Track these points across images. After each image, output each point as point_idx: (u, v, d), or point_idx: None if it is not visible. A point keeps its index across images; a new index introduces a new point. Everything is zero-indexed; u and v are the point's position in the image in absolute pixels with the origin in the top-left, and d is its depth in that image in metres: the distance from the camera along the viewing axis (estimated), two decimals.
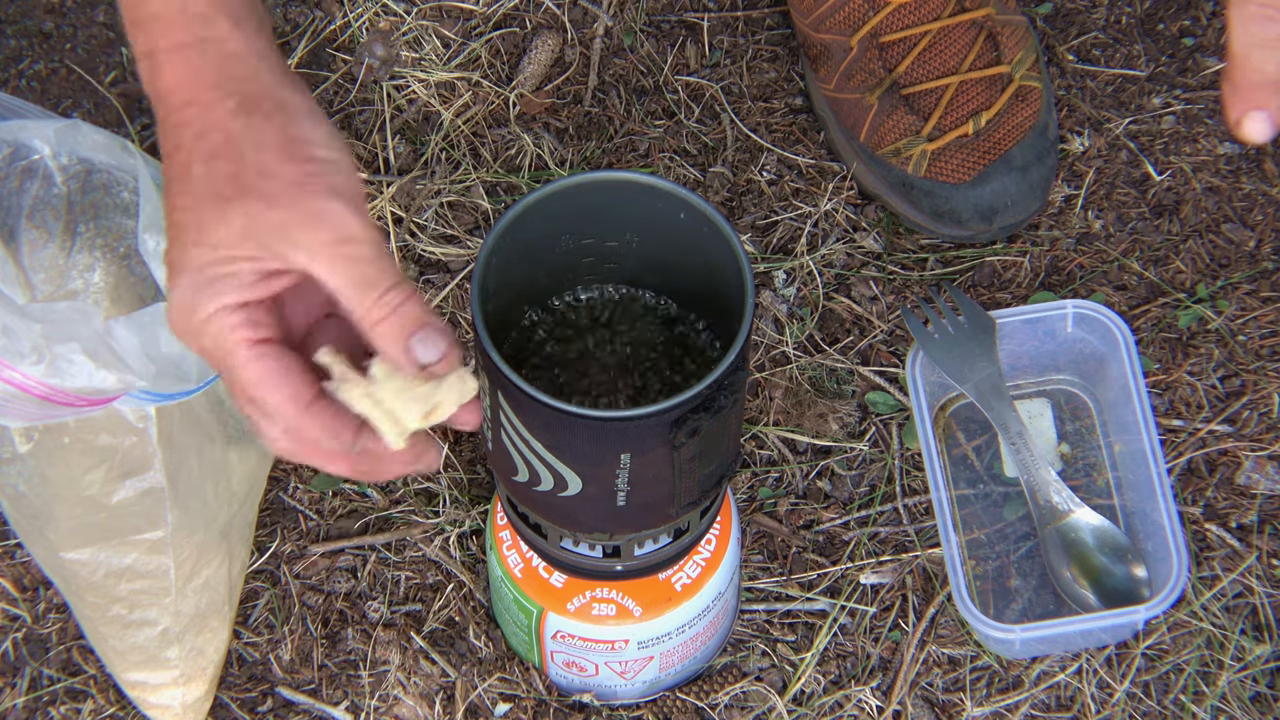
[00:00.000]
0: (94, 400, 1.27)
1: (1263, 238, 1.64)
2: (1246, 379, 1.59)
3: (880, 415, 1.58)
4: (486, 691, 1.49)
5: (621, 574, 1.35)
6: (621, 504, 1.23)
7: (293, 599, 1.54)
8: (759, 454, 1.57)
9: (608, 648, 1.43)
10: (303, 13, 1.72)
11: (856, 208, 1.66)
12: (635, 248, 1.27)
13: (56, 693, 1.52)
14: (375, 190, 1.65)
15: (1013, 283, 1.63)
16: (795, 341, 1.61)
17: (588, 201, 1.23)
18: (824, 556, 1.55)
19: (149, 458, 1.35)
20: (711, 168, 1.67)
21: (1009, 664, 1.51)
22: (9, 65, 1.72)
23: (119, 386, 1.25)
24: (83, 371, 1.23)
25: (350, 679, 1.51)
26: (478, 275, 1.19)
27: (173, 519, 1.38)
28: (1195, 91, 1.69)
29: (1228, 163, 1.67)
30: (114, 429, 1.33)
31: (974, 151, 1.61)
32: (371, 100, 1.69)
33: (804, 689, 1.51)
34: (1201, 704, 1.49)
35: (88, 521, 1.38)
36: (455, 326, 1.62)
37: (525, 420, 1.19)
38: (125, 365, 1.23)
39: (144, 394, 1.28)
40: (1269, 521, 1.55)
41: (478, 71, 1.70)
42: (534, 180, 1.66)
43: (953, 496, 1.55)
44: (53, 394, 1.24)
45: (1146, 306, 1.62)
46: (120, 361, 1.23)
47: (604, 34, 1.72)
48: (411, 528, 1.55)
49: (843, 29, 1.63)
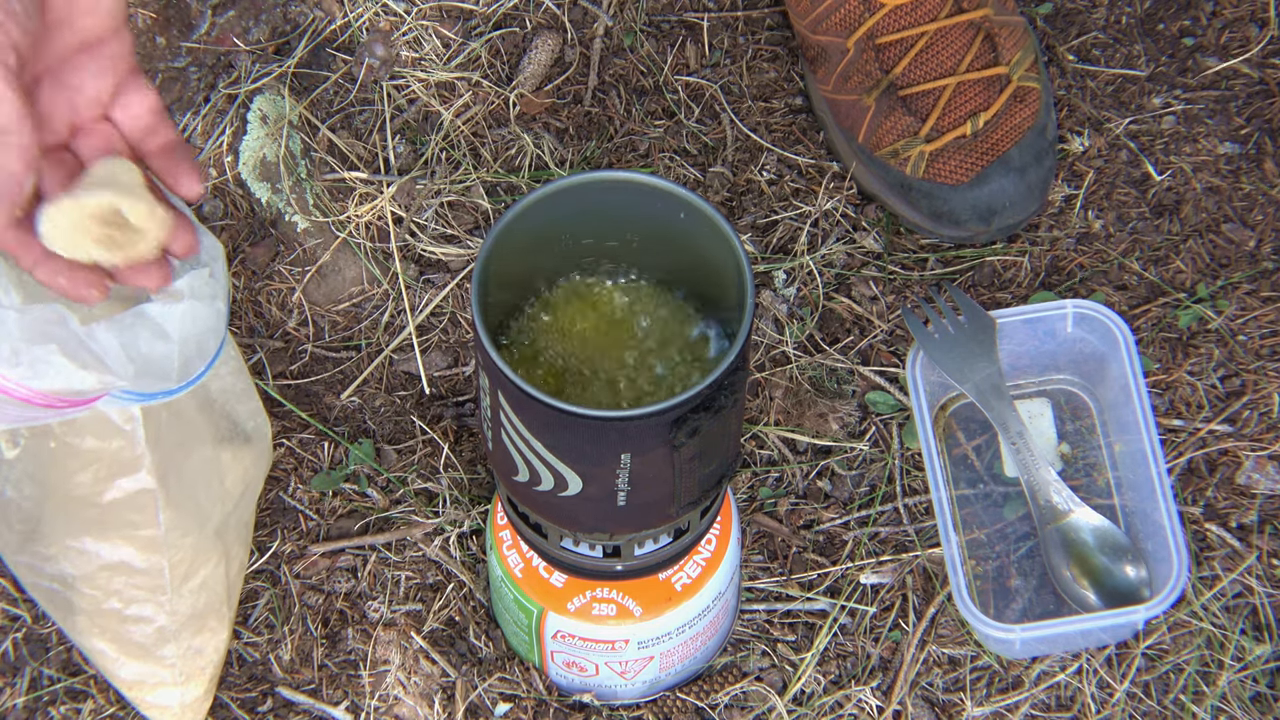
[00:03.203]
0: (74, 401, 1.26)
1: (1263, 238, 1.64)
2: (1246, 379, 1.59)
3: (880, 415, 1.58)
4: (486, 691, 1.49)
5: (622, 574, 1.35)
6: (622, 504, 1.23)
7: (293, 599, 1.54)
8: (759, 454, 1.57)
9: (608, 648, 1.43)
10: (303, 13, 1.72)
11: (856, 207, 1.66)
12: (635, 248, 1.27)
13: (56, 693, 1.52)
14: (375, 190, 1.65)
15: (1013, 283, 1.63)
16: (795, 341, 1.61)
17: (588, 201, 1.23)
18: (824, 556, 1.55)
19: (138, 459, 1.35)
20: (711, 168, 1.67)
21: (1009, 664, 1.51)
22: None
23: (99, 387, 1.25)
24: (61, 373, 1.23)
25: (350, 679, 1.51)
26: (478, 275, 1.19)
27: (166, 519, 1.38)
28: (1195, 91, 1.69)
29: (1228, 163, 1.67)
30: (100, 431, 1.33)
31: (972, 152, 1.61)
32: (371, 100, 1.69)
33: (804, 689, 1.51)
34: (1201, 704, 1.49)
35: (80, 518, 1.38)
36: (455, 326, 1.62)
37: (525, 420, 1.19)
38: (105, 366, 1.23)
39: (125, 394, 1.28)
40: (1269, 521, 1.55)
41: (478, 71, 1.70)
42: (534, 180, 1.66)
43: (953, 496, 1.55)
44: (32, 396, 1.24)
45: (1146, 306, 1.62)
46: (99, 362, 1.22)
47: (604, 34, 1.72)
48: (411, 528, 1.55)
49: (839, 30, 1.63)
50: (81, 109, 1.17)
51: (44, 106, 1.16)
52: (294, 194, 1.65)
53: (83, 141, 1.18)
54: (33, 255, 1.14)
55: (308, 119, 1.68)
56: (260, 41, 1.71)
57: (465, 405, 1.60)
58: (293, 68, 1.70)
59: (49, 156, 1.16)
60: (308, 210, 1.64)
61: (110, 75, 1.17)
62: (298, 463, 1.58)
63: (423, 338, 1.62)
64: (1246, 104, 1.69)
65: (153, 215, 1.15)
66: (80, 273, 1.15)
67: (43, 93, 1.16)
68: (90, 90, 1.17)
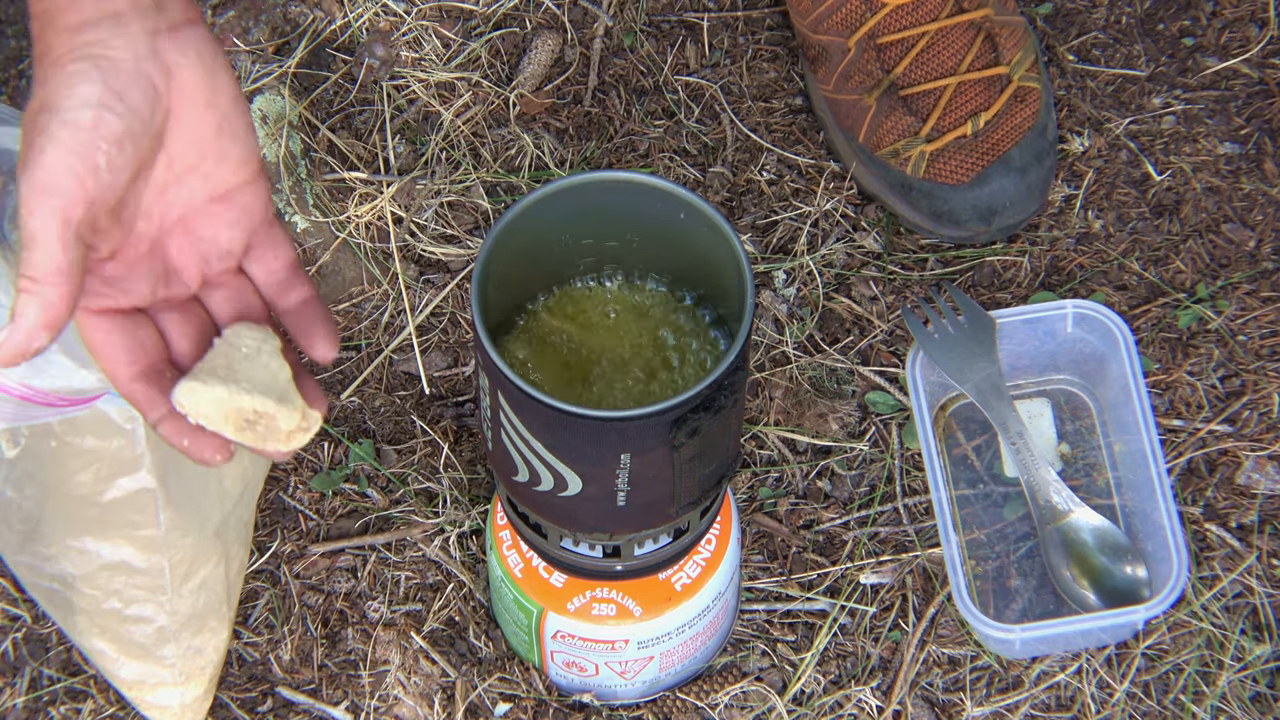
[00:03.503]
0: (74, 400, 1.26)
1: (1263, 238, 1.64)
2: (1246, 379, 1.59)
3: (880, 415, 1.58)
4: (486, 691, 1.49)
5: (621, 574, 1.35)
6: (621, 504, 1.23)
7: (293, 599, 1.54)
8: (759, 454, 1.57)
9: (608, 648, 1.43)
10: (303, 13, 1.72)
11: (856, 207, 1.66)
12: (635, 248, 1.27)
13: (56, 693, 1.52)
14: (375, 190, 1.65)
15: (1013, 283, 1.63)
16: (795, 341, 1.61)
17: (587, 201, 1.23)
18: (824, 556, 1.55)
19: (138, 459, 1.35)
20: (711, 168, 1.67)
21: (1009, 664, 1.51)
22: (9, 65, 1.72)
23: (99, 386, 1.25)
24: (62, 371, 1.23)
25: (350, 679, 1.51)
26: (478, 275, 1.19)
27: (165, 519, 1.38)
28: (1195, 91, 1.69)
29: (1228, 163, 1.67)
30: (100, 430, 1.33)
31: (973, 152, 1.61)
32: (371, 100, 1.69)
33: (804, 689, 1.51)
34: (1201, 704, 1.49)
35: (81, 517, 1.38)
36: (455, 326, 1.62)
37: (525, 420, 1.19)
38: None
39: None
40: (1269, 521, 1.55)
41: (478, 71, 1.70)
42: (534, 180, 1.66)
43: (953, 496, 1.55)
44: (32, 394, 1.24)
45: (1146, 306, 1.62)
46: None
47: (604, 34, 1.72)
48: (411, 528, 1.55)
49: (840, 30, 1.63)
50: (213, 261, 1.13)
51: (173, 258, 1.12)
52: (294, 194, 1.65)
53: (214, 294, 1.14)
54: (158, 413, 1.11)
55: (307, 119, 1.68)
56: (260, 42, 1.71)
57: (465, 405, 1.60)
58: (293, 68, 1.70)
59: (178, 310, 1.13)
60: (307, 210, 1.64)
61: (243, 226, 1.13)
62: (298, 463, 1.58)
63: (423, 338, 1.62)
64: (1246, 104, 1.69)
65: (303, 419, 1.13)
66: (206, 438, 1.12)
67: (172, 243, 1.12)
68: (223, 241, 1.13)
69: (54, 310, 1.04)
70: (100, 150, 1.05)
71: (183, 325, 1.13)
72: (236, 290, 1.15)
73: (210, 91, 1.09)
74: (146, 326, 1.12)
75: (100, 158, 1.05)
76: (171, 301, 1.13)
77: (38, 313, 1.04)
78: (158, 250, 1.11)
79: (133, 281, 1.11)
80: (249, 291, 1.15)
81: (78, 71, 1.05)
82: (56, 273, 1.04)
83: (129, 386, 1.11)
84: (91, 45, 1.06)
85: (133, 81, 1.06)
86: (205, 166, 1.11)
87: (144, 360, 1.11)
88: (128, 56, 1.06)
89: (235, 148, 1.11)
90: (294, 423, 1.12)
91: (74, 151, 1.04)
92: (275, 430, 1.12)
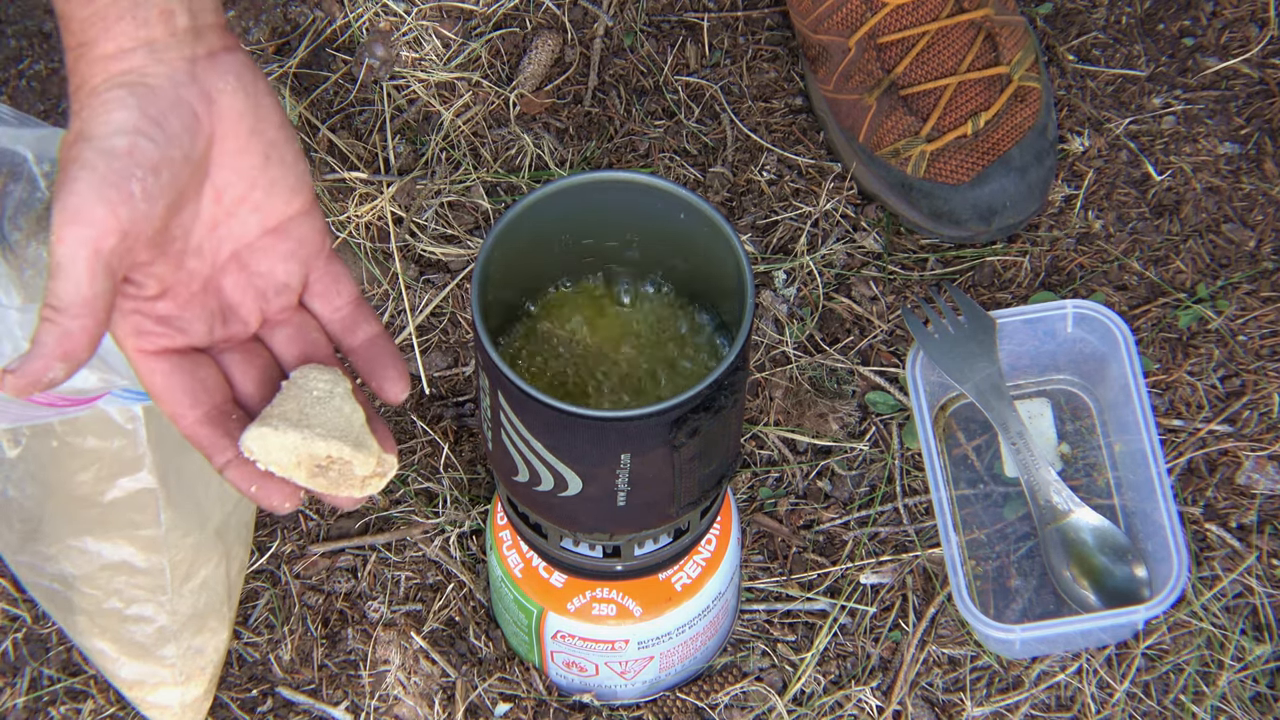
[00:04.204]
0: (76, 400, 1.26)
1: (1263, 238, 1.64)
2: (1246, 379, 1.59)
3: (880, 415, 1.58)
4: (486, 691, 1.49)
5: (621, 574, 1.35)
6: (621, 504, 1.23)
7: (293, 599, 1.54)
8: (759, 454, 1.57)
9: (608, 648, 1.43)
10: (303, 13, 1.72)
11: (856, 207, 1.66)
12: (635, 248, 1.27)
13: (56, 693, 1.52)
14: (375, 190, 1.65)
15: (1013, 283, 1.63)
16: (795, 341, 1.61)
17: (587, 201, 1.23)
18: (824, 556, 1.55)
19: (139, 458, 1.35)
20: (711, 168, 1.67)
21: (1009, 664, 1.51)
22: (9, 65, 1.72)
23: (100, 386, 1.25)
24: None
25: (350, 679, 1.51)
26: (478, 275, 1.19)
27: (166, 519, 1.38)
28: (1195, 91, 1.69)
29: (1228, 163, 1.67)
30: (101, 430, 1.33)
31: (973, 152, 1.61)
32: (371, 100, 1.69)
33: (804, 689, 1.51)
34: (1201, 704, 1.49)
35: (82, 517, 1.38)
36: (455, 326, 1.62)
37: (525, 420, 1.19)
38: (106, 364, 1.23)
39: (127, 393, 1.27)
40: (1269, 521, 1.55)
41: (478, 71, 1.70)
42: (534, 180, 1.66)
43: (953, 496, 1.55)
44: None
45: (1146, 306, 1.62)
46: (101, 360, 1.22)
47: (604, 34, 1.72)
48: (411, 528, 1.55)
49: (840, 30, 1.63)
50: (270, 297, 1.10)
51: (229, 295, 1.09)
52: None
53: (276, 334, 1.11)
54: (224, 458, 1.08)
55: (308, 119, 1.68)
56: (260, 42, 1.71)
57: (465, 405, 1.60)
58: (293, 68, 1.70)
59: (240, 350, 1.10)
60: None
61: (299, 259, 1.10)
62: None
63: (423, 338, 1.62)
64: (1246, 104, 1.69)
65: (379, 463, 1.10)
66: (275, 484, 1.08)
67: (226, 280, 1.09)
68: (279, 275, 1.10)
69: (73, 342, 1.02)
70: (135, 178, 1.02)
71: (245, 366, 1.10)
72: (299, 329, 1.12)
73: (254, 118, 1.06)
74: (208, 367, 1.09)
75: (135, 185, 1.02)
76: (232, 341, 1.10)
77: (56, 344, 1.01)
78: (212, 288, 1.09)
79: (188, 321, 1.08)
80: (312, 329, 1.12)
81: (113, 99, 1.03)
82: (81, 304, 1.01)
83: (193, 430, 1.07)
84: (128, 73, 1.03)
85: (171, 108, 1.03)
86: (255, 197, 1.08)
87: (208, 402, 1.08)
88: (166, 83, 1.04)
89: (286, 176, 1.08)
90: (370, 468, 1.09)
91: (107, 179, 1.01)
92: (350, 476, 1.09)
